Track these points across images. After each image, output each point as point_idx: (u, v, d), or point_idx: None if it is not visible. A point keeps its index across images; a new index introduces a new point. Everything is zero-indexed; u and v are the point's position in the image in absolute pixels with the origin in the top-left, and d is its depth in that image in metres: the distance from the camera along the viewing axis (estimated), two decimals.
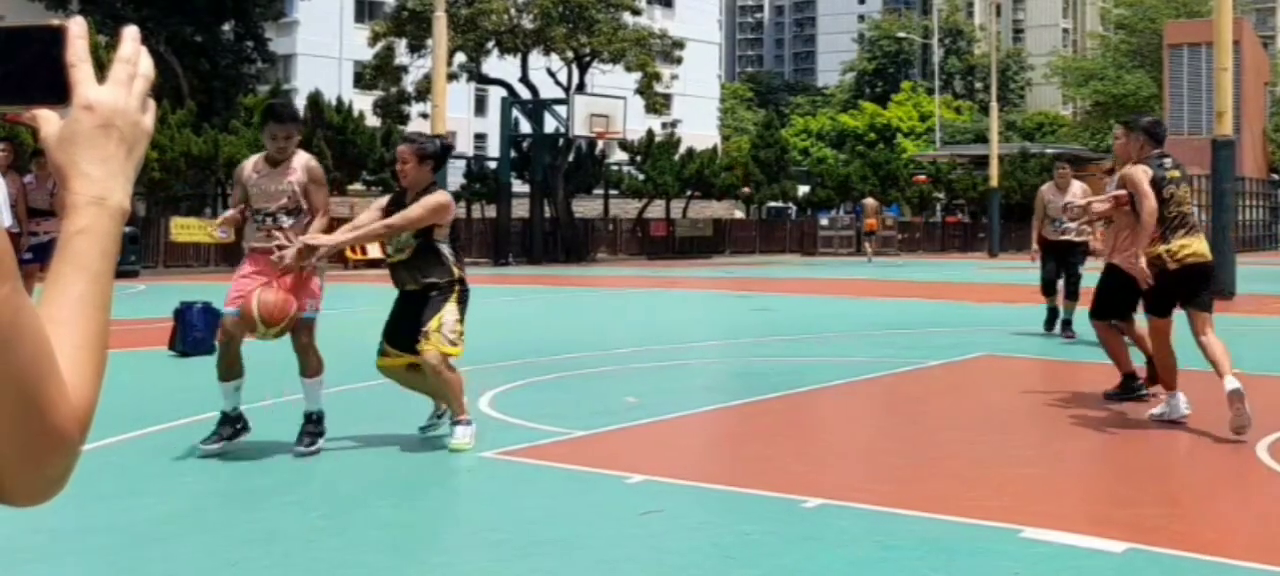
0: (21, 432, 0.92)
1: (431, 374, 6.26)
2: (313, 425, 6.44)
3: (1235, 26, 25.76)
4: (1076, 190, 12.38)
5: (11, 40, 0.99)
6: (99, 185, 1.02)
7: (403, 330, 6.43)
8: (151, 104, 1.08)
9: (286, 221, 6.37)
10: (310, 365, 6.48)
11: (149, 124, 1.07)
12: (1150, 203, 7.23)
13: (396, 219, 6.28)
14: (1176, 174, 7.54)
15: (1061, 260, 12.64)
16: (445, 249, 6.41)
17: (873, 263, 35.15)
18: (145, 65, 1.07)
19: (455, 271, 6.39)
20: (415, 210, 6.26)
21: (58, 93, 1.00)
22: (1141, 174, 7.39)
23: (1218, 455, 6.53)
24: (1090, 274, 10.37)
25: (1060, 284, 12.80)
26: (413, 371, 6.48)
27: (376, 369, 6.66)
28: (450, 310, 6.29)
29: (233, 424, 6.44)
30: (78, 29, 1.01)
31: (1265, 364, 10.67)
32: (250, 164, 6.53)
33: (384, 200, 6.68)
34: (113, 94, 1.04)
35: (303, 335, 6.44)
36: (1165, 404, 7.61)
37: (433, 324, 6.23)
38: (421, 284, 6.38)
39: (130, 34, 1.08)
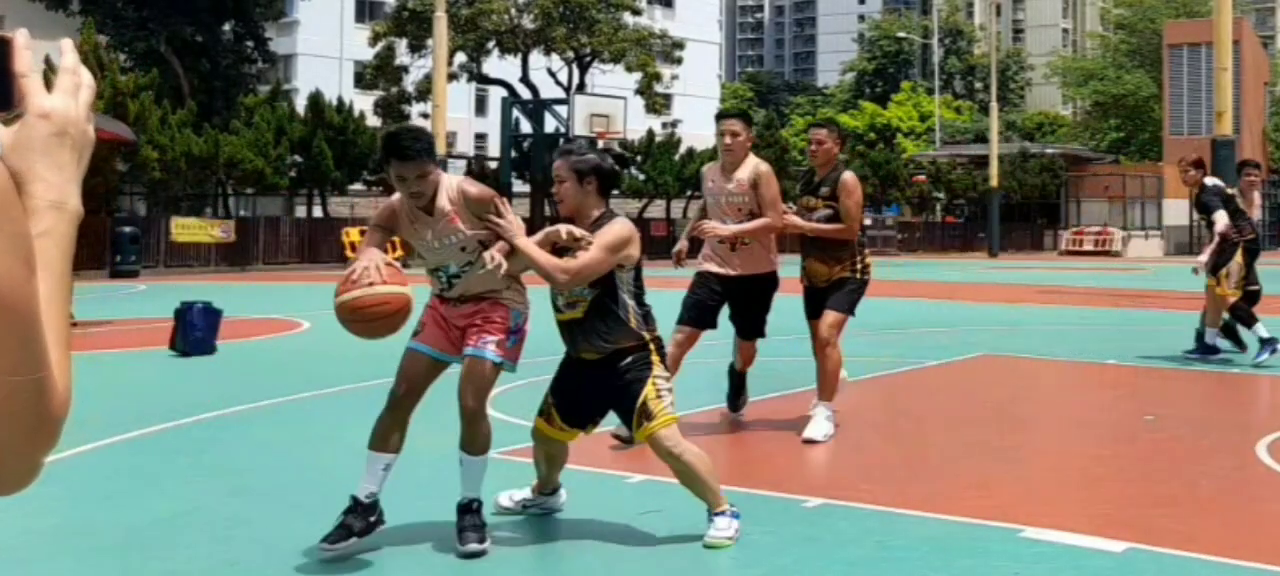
0: (32, 415, 0.98)
1: (667, 460, 4.74)
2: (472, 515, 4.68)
3: (1235, 26, 25.77)
4: (744, 178, 7.14)
5: None
6: (57, 190, 1.06)
7: (583, 406, 4.92)
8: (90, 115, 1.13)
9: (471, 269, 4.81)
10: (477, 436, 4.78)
11: (92, 133, 1.11)
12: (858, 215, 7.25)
13: (571, 266, 4.64)
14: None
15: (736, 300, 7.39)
16: (629, 300, 4.81)
17: None
18: (87, 77, 1.11)
19: (644, 332, 4.81)
20: (591, 255, 4.65)
21: (3, 101, 1.03)
22: (858, 183, 7.30)
23: (1218, 455, 6.53)
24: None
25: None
26: (553, 439, 5.03)
27: (531, 431, 5.07)
28: (656, 375, 4.76)
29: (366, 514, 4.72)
30: (23, 40, 1.05)
31: (1265, 364, 10.68)
32: (402, 206, 4.82)
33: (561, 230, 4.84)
34: (64, 103, 1.08)
35: (468, 395, 4.74)
36: (826, 414, 7.17)
37: (645, 397, 4.70)
38: (604, 352, 4.79)
39: (68, 47, 1.12)
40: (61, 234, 1.06)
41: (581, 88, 38.24)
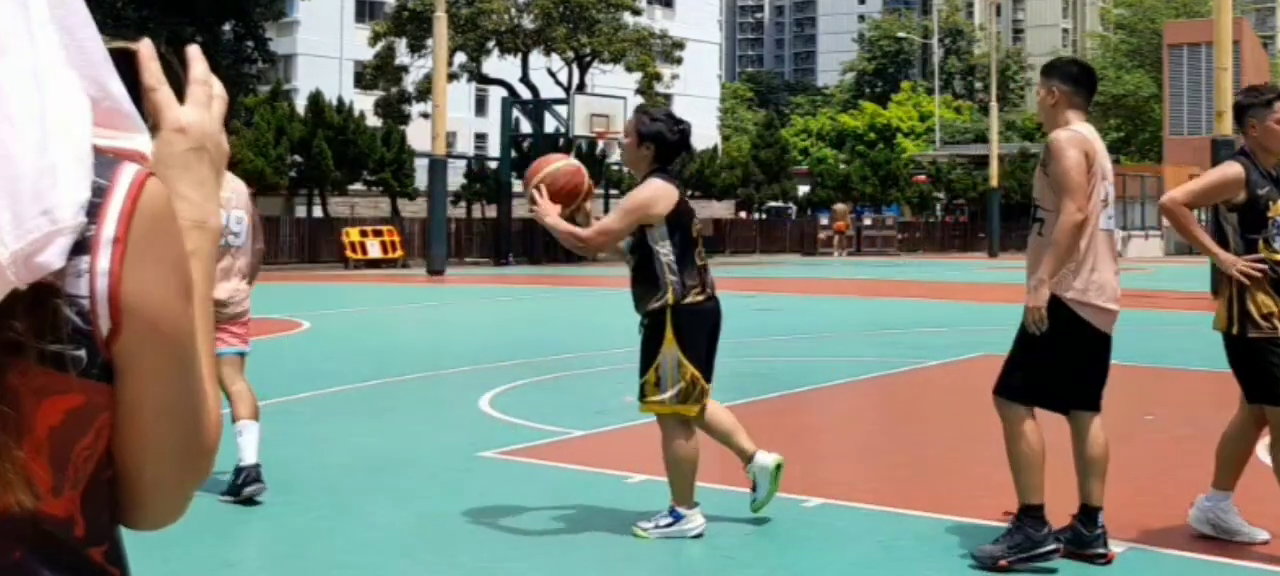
0: (188, 449, 0.95)
1: (663, 445, 4.86)
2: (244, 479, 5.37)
3: (1235, 26, 25.77)
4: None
5: None
6: (199, 209, 0.99)
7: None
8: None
9: None
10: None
11: (227, 146, 1.06)
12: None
13: (581, 233, 4.94)
14: None
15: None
16: (665, 255, 4.77)
17: (844, 259, 37.25)
18: (218, 87, 1.06)
19: (668, 292, 4.74)
20: (611, 217, 4.94)
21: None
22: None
23: None
24: None
25: None
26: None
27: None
28: (667, 353, 4.74)
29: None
30: (148, 51, 0.99)
31: None
32: None
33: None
34: (199, 115, 1.02)
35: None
36: None
37: (649, 376, 4.78)
38: (641, 313, 4.88)
39: (197, 55, 1.06)
40: (206, 254, 0.99)
41: (581, 88, 38.24)
